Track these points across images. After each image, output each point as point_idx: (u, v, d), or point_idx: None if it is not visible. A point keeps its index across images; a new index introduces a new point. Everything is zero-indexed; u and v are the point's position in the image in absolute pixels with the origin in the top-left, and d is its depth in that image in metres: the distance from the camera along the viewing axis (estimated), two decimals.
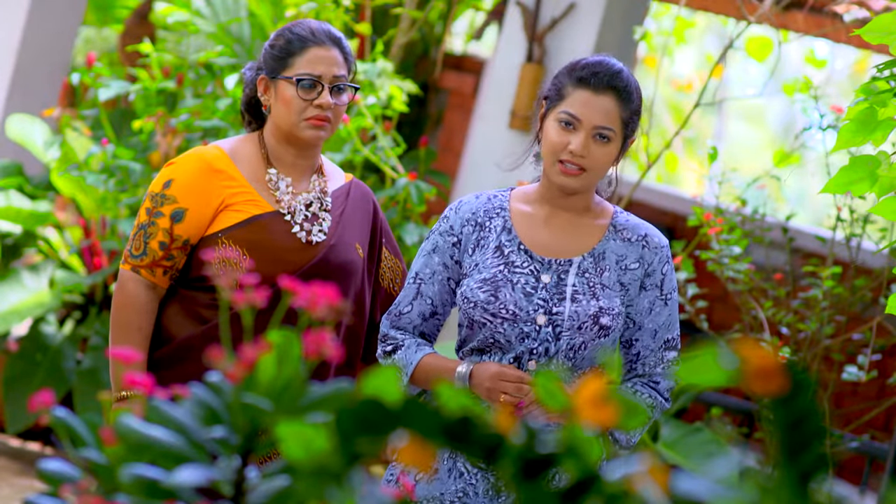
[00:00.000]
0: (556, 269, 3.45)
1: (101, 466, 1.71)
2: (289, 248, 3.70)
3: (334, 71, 3.70)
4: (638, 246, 3.49)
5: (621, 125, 3.45)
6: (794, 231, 7.12)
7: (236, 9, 7.29)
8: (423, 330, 3.56)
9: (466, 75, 8.91)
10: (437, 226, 3.55)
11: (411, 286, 3.55)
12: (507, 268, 3.45)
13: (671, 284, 3.50)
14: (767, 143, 15.08)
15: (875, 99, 3.58)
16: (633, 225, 3.53)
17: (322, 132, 3.71)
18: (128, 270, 3.70)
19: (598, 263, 3.47)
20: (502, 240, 3.48)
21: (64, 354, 6.77)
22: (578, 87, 3.45)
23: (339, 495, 1.53)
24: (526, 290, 3.42)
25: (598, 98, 3.43)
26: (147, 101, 6.74)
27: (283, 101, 3.70)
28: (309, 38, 3.71)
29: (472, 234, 3.50)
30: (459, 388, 2.12)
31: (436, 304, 3.54)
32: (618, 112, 3.44)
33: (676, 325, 3.54)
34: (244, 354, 1.68)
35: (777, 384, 1.47)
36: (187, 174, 3.69)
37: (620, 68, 3.48)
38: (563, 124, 3.43)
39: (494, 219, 3.51)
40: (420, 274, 3.54)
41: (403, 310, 3.55)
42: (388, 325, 3.56)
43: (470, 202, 3.54)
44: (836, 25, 6.53)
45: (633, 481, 1.51)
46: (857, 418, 6.78)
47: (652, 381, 3.49)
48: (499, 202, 3.54)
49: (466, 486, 3.44)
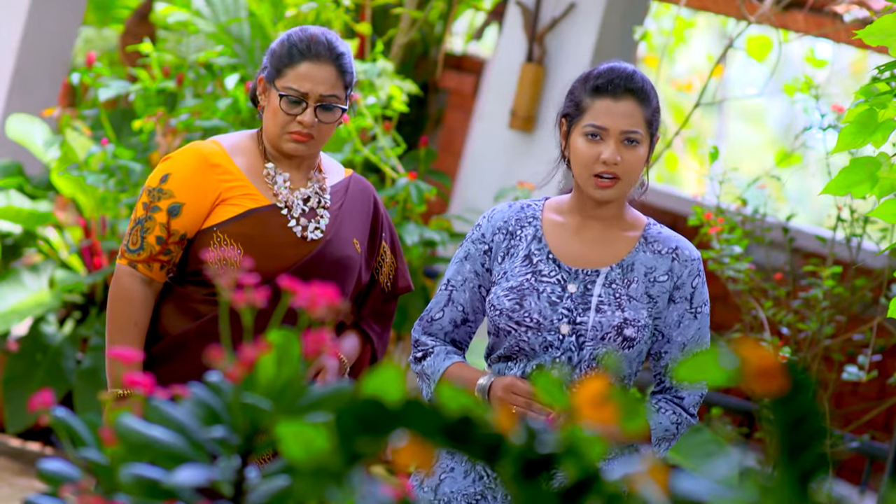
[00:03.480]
0: (583, 279, 3.43)
1: (100, 466, 1.71)
2: (284, 242, 3.68)
3: (321, 90, 3.65)
4: (668, 258, 3.47)
5: (646, 126, 3.44)
6: (795, 231, 7.12)
7: (236, 9, 7.29)
8: (454, 337, 3.55)
9: (466, 75, 8.91)
10: (469, 233, 3.54)
11: (443, 293, 3.54)
12: (534, 276, 3.43)
13: (701, 298, 3.47)
14: (768, 143, 15.09)
15: (875, 101, 3.58)
16: (665, 237, 3.50)
17: (303, 147, 3.68)
18: (124, 265, 3.68)
19: (627, 275, 3.44)
20: (532, 248, 3.47)
21: (64, 354, 6.77)
22: (597, 97, 3.43)
23: (340, 495, 1.53)
24: (551, 300, 3.41)
25: (619, 104, 3.42)
26: (147, 101, 6.74)
27: (271, 109, 3.69)
28: (304, 51, 3.66)
29: (503, 243, 3.49)
30: (481, 401, 2.13)
31: (467, 311, 3.52)
32: (641, 114, 3.42)
33: (707, 339, 3.51)
34: (244, 354, 1.68)
35: (777, 384, 1.47)
36: (184, 169, 3.68)
37: (633, 70, 3.47)
38: (591, 136, 3.41)
39: (526, 227, 3.50)
40: (452, 281, 3.53)
41: (435, 316, 3.54)
42: (419, 330, 3.56)
43: (503, 210, 3.54)
44: (837, 25, 6.53)
45: (633, 481, 1.51)
46: (858, 418, 6.78)
47: (677, 397, 3.46)
48: (532, 211, 3.53)
49: (486, 489, 3.44)
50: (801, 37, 7.03)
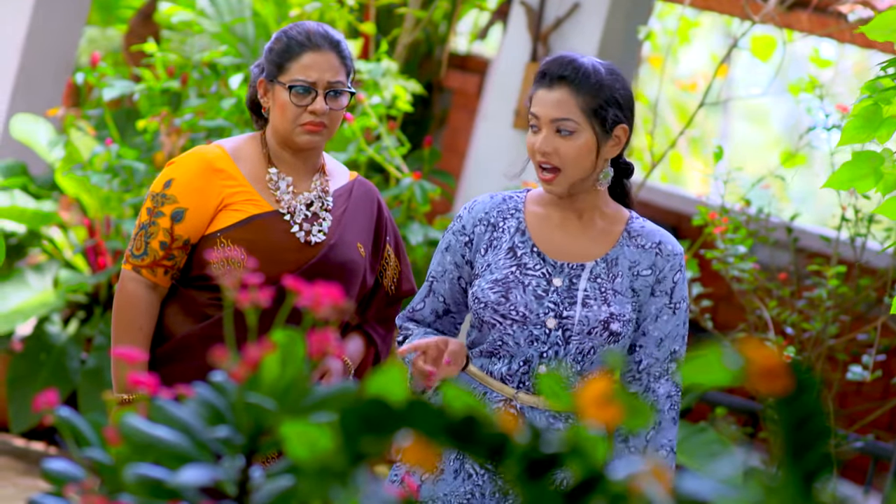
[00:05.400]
0: (569, 273, 3.42)
1: (105, 466, 1.71)
2: (288, 247, 3.69)
3: (328, 77, 3.67)
4: (651, 253, 3.45)
5: (582, 115, 3.36)
6: (799, 231, 7.12)
7: (240, 8, 7.29)
8: (437, 327, 3.54)
9: (471, 75, 8.91)
10: (451, 225, 3.53)
11: (425, 284, 3.55)
12: (520, 269, 3.41)
13: (681, 294, 3.45)
14: (772, 143, 15.08)
15: (879, 96, 3.58)
16: (648, 231, 3.48)
17: (317, 137, 3.69)
18: (129, 270, 3.70)
19: (611, 269, 3.43)
20: (515, 241, 3.45)
21: (68, 354, 6.77)
22: (537, 87, 3.40)
23: (344, 495, 1.53)
24: (537, 293, 3.39)
25: (551, 92, 3.37)
26: (151, 100, 6.74)
27: (278, 106, 3.69)
28: (304, 42, 3.69)
29: (485, 235, 3.47)
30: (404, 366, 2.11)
31: (448, 302, 3.52)
32: (573, 102, 3.36)
33: (684, 338, 3.48)
34: (248, 354, 1.68)
35: (781, 384, 1.47)
36: (188, 174, 3.69)
37: (574, 58, 3.40)
38: (532, 127, 3.40)
39: (508, 220, 3.48)
40: (433, 272, 3.53)
41: (416, 307, 3.55)
42: (403, 319, 3.57)
43: (484, 202, 3.51)
44: (841, 25, 6.52)
45: (637, 481, 1.51)
46: (862, 418, 6.77)
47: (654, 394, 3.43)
48: (514, 203, 3.51)
49: (474, 487, 3.42)
50: (806, 36, 7.02)
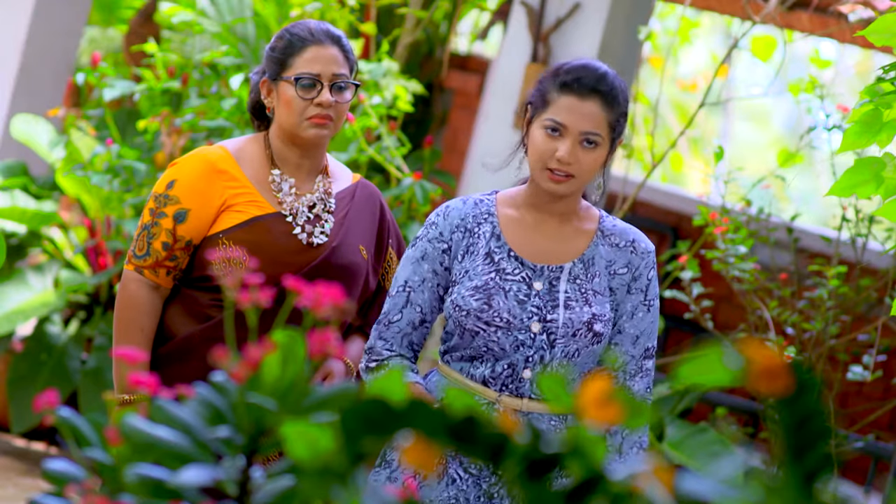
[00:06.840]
0: (548, 276, 3.42)
1: (105, 466, 1.71)
2: (289, 249, 3.69)
3: (333, 69, 3.69)
4: (626, 251, 3.47)
5: (608, 129, 3.39)
6: (800, 231, 7.12)
7: (241, 9, 7.29)
8: (412, 339, 3.49)
9: (471, 75, 8.91)
10: (423, 232, 3.48)
11: (400, 294, 3.47)
12: (499, 275, 3.40)
13: (654, 291, 3.48)
14: (773, 143, 15.08)
15: (880, 100, 3.58)
16: (621, 230, 3.50)
17: (324, 130, 3.70)
18: (131, 271, 3.70)
19: (588, 269, 3.44)
20: (492, 246, 3.43)
21: (69, 354, 6.77)
22: (563, 92, 3.38)
23: (344, 495, 1.53)
24: (519, 298, 3.38)
25: (584, 103, 3.37)
26: (152, 100, 6.74)
27: (284, 101, 3.70)
28: (307, 37, 3.71)
29: (462, 241, 3.45)
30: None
31: (425, 311, 3.47)
32: (604, 116, 3.38)
33: (655, 334, 3.51)
34: (249, 354, 1.68)
35: (782, 384, 1.47)
36: (190, 175, 3.69)
37: (605, 71, 3.41)
38: (549, 131, 3.38)
39: (483, 224, 3.46)
40: (409, 282, 3.47)
41: (393, 318, 3.48)
42: (375, 335, 3.49)
43: (458, 207, 3.49)
44: (841, 25, 6.52)
45: (637, 481, 1.51)
46: (862, 418, 6.77)
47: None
48: (486, 207, 3.49)
49: (458, 492, 3.40)
50: (806, 37, 7.02)
